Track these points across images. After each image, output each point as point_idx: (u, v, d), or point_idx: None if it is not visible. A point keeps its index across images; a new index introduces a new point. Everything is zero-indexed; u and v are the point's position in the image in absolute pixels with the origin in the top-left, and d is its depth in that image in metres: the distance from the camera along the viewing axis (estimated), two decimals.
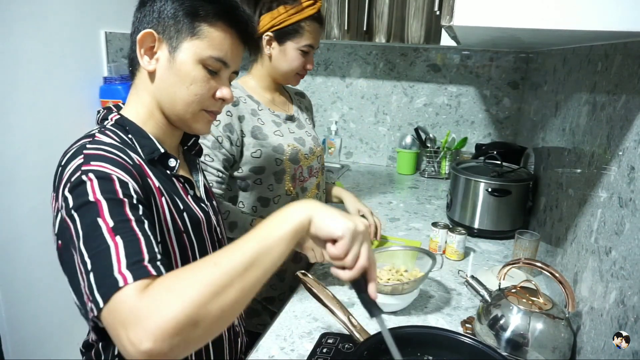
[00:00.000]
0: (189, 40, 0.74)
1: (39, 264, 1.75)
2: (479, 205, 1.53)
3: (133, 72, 0.80)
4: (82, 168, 0.63)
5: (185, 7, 0.73)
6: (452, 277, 1.25)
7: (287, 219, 0.61)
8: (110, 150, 0.68)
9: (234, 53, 0.79)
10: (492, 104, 2.27)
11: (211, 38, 0.75)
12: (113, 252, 0.56)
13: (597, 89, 0.99)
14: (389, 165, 2.52)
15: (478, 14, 0.66)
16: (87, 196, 0.60)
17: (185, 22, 0.74)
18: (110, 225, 0.58)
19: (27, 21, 1.64)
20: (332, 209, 0.63)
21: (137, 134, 0.76)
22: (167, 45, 0.75)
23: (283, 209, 0.62)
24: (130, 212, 0.61)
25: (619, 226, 0.77)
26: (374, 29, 1.91)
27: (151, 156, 0.75)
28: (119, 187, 0.62)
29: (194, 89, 0.76)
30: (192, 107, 0.78)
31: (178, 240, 0.76)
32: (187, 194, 0.82)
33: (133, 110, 0.79)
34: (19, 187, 1.66)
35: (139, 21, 0.77)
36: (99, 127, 0.76)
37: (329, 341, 0.93)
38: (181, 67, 0.75)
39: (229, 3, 0.77)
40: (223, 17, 0.75)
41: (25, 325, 1.75)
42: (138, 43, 0.74)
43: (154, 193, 0.72)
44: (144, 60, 0.76)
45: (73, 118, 1.90)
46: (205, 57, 0.75)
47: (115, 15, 2.07)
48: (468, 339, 0.77)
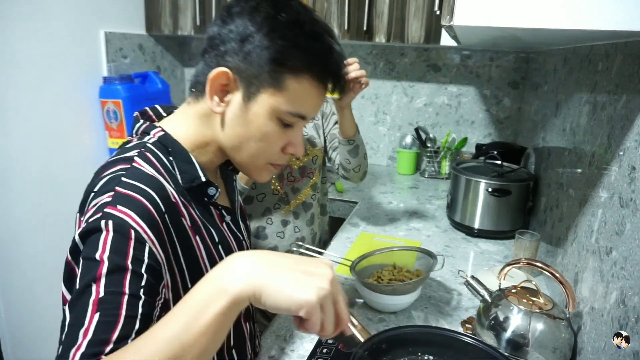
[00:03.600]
0: (268, 91, 0.65)
1: (39, 264, 1.75)
2: (479, 205, 1.53)
3: (196, 95, 0.71)
4: (105, 210, 0.56)
5: (271, 52, 0.63)
6: (453, 277, 1.25)
7: (217, 295, 0.47)
8: (145, 190, 0.60)
9: (317, 105, 0.70)
10: (492, 104, 2.27)
11: (295, 93, 0.66)
12: (82, 331, 0.48)
13: (598, 89, 0.99)
14: (389, 165, 2.51)
15: (478, 14, 0.66)
16: (96, 252, 0.54)
17: (268, 70, 0.64)
18: (99, 296, 0.51)
19: (27, 21, 1.64)
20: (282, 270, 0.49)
21: (179, 157, 0.69)
22: (242, 90, 0.66)
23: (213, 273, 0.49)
24: (129, 284, 0.53)
25: (620, 226, 0.77)
26: (374, 28, 1.91)
27: (190, 185, 0.68)
28: (133, 248, 0.55)
29: (263, 144, 0.69)
30: (258, 161, 0.71)
31: None
32: (222, 222, 0.76)
33: (184, 132, 0.71)
34: (19, 187, 1.66)
35: (215, 46, 0.66)
36: (139, 144, 0.68)
37: (329, 341, 0.93)
38: (254, 119, 0.67)
39: (323, 50, 0.67)
40: (313, 69, 0.66)
41: (25, 325, 1.75)
42: (210, 81, 0.65)
43: (188, 234, 0.66)
44: (214, 101, 0.67)
45: (73, 118, 1.90)
46: (283, 112, 0.66)
47: (115, 15, 2.07)
48: (469, 338, 0.77)
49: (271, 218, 1.30)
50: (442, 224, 1.67)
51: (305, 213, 1.35)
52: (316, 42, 0.66)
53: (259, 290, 0.47)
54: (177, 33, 2.18)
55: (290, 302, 0.47)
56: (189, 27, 2.16)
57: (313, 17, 0.67)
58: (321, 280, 0.49)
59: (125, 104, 1.93)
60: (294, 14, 0.65)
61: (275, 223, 1.30)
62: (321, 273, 0.50)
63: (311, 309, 0.47)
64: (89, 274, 0.53)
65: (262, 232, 1.29)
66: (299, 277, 0.48)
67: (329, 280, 0.49)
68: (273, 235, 1.30)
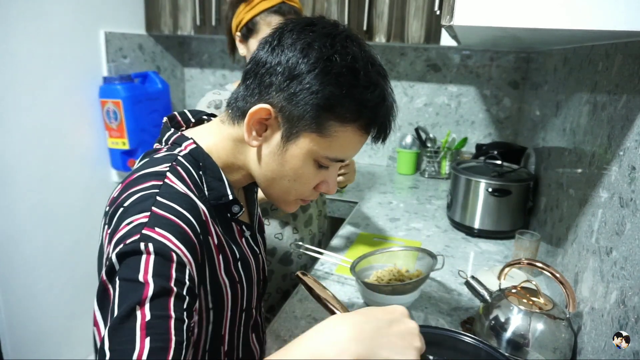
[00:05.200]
0: (311, 136, 0.62)
1: (39, 264, 1.75)
2: (480, 205, 1.53)
3: (232, 118, 0.68)
4: (144, 232, 0.54)
5: (320, 98, 0.59)
6: (453, 277, 1.25)
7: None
8: (180, 212, 0.58)
9: (357, 150, 0.67)
10: (492, 104, 2.27)
11: (337, 140, 0.62)
12: (135, 356, 0.48)
13: (598, 89, 0.99)
14: (389, 165, 2.51)
15: (478, 14, 0.66)
16: (137, 273, 0.52)
17: (313, 115, 0.60)
18: (146, 320, 0.50)
19: (27, 21, 1.64)
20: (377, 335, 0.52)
21: (210, 173, 0.66)
22: (282, 129, 0.63)
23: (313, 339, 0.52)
24: (174, 307, 0.52)
25: (620, 226, 0.77)
26: (374, 28, 1.91)
27: (217, 202, 0.66)
28: (175, 270, 0.53)
29: (296, 184, 0.67)
30: (289, 197, 0.70)
31: (232, 291, 0.69)
32: (242, 237, 0.75)
33: (216, 149, 0.68)
34: (19, 186, 1.66)
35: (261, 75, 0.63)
36: (170, 157, 0.65)
37: None
38: (290, 159, 0.64)
39: (375, 101, 0.62)
40: (362, 121, 0.62)
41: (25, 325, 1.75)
42: (250, 115, 0.62)
43: (212, 252, 0.64)
44: (251, 135, 0.64)
45: (73, 118, 1.90)
46: (322, 156, 0.64)
47: (115, 15, 2.07)
48: (469, 338, 0.77)
49: (269, 219, 1.29)
50: (442, 224, 1.67)
51: (304, 214, 1.35)
52: (369, 92, 0.61)
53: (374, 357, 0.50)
54: (177, 33, 2.18)
55: None
56: (189, 27, 2.16)
57: (370, 61, 0.63)
58: (414, 339, 0.53)
59: (125, 104, 1.93)
60: (350, 58, 0.60)
61: (274, 224, 1.30)
62: (410, 330, 0.54)
63: None
64: (133, 296, 0.51)
65: None
66: (398, 343, 0.52)
67: (419, 337, 0.54)
68: (271, 236, 1.30)
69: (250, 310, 0.78)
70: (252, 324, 0.81)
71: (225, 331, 0.71)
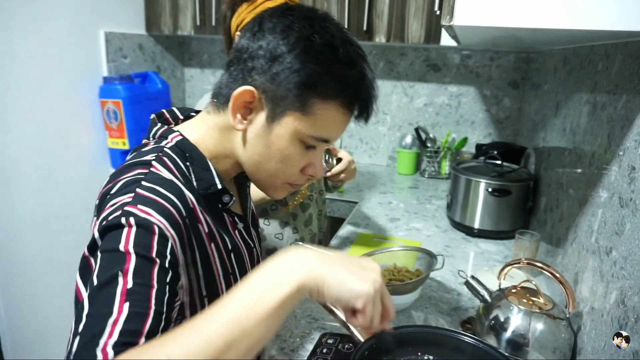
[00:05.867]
0: (294, 114, 0.63)
1: (39, 263, 1.75)
2: (479, 205, 1.53)
3: (217, 106, 0.69)
4: (125, 208, 0.55)
5: (301, 76, 0.61)
6: (453, 277, 1.25)
7: (279, 282, 0.48)
8: (165, 194, 0.59)
9: (341, 129, 0.68)
10: (492, 104, 2.27)
11: (321, 118, 0.63)
12: (111, 320, 0.47)
13: (598, 89, 0.99)
14: (389, 165, 2.51)
15: (478, 14, 0.66)
16: (118, 243, 0.52)
17: (296, 94, 0.62)
18: (127, 287, 0.50)
19: (27, 21, 1.64)
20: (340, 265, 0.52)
21: (197, 163, 0.67)
22: (266, 111, 0.64)
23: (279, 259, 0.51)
24: (157, 278, 0.52)
25: (620, 226, 0.77)
26: (374, 28, 1.91)
27: (206, 192, 0.67)
28: (156, 242, 0.54)
29: (283, 165, 0.67)
30: (276, 181, 0.70)
31: (226, 282, 0.70)
32: (235, 229, 0.75)
33: (202, 140, 0.69)
34: (19, 187, 1.66)
35: (243, 61, 0.64)
36: (156, 148, 0.66)
37: (329, 341, 0.93)
38: (276, 140, 0.65)
39: (356, 77, 0.64)
40: (343, 97, 0.63)
41: (25, 325, 1.75)
42: (234, 98, 0.63)
43: (203, 240, 0.65)
44: (236, 119, 0.65)
45: (73, 118, 1.90)
46: (307, 135, 0.65)
47: (115, 15, 2.07)
48: (469, 338, 0.77)
49: (269, 219, 1.30)
50: (442, 224, 1.67)
51: (303, 214, 1.35)
52: (349, 69, 0.63)
53: (322, 282, 0.50)
54: (177, 33, 2.18)
55: (350, 293, 0.50)
56: (189, 27, 2.16)
57: (348, 40, 0.64)
58: (375, 274, 0.53)
59: (125, 103, 1.93)
60: (328, 36, 0.62)
61: (273, 224, 1.30)
62: (372, 268, 0.54)
63: (368, 300, 0.51)
64: (115, 266, 0.51)
65: (261, 234, 1.29)
66: (356, 271, 0.52)
67: (380, 275, 0.53)
68: (271, 236, 1.30)
69: None
70: None
71: None
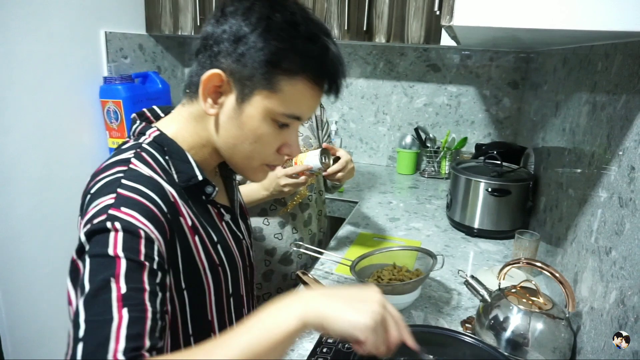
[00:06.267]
0: (262, 93, 0.64)
1: (39, 263, 1.75)
2: (479, 205, 1.53)
3: (190, 96, 0.70)
4: (110, 212, 0.56)
5: (265, 54, 0.62)
6: (452, 277, 1.25)
7: (282, 322, 0.52)
8: (145, 192, 0.60)
9: (312, 106, 0.68)
10: (492, 104, 2.27)
11: (289, 94, 0.64)
12: (114, 327, 0.49)
13: (598, 89, 0.99)
14: (389, 165, 2.52)
15: (478, 14, 0.66)
16: (107, 248, 0.53)
17: (262, 72, 0.62)
18: (121, 292, 0.51)
19: (27, 21, 1.64)
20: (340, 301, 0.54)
21: (175, 156, 0.68)
22: (235, 92, 0.65)
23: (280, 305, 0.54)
24: (148, 280, 0.54)
25: (619, 226, 0.77)
26: (374, 29, 1.91)
27: (187, 184, 0.68)
28: (144, 246, 0.55)
29: (257, 146, 0.68)
30: (253, 162, 0.71)
31: (213, 275, 0.70)
32: (222, 220, 0.76)
33: (180, 132, 0.70)
34: (19, 186, 1.66)
35: (209, 47, 0.65)
36: (135, 145, 0.68)
37: (329, 341, 0.93)
38: (247, 120, 0.65)
39: (319, 51, 0.64)
40: (308, 71, 0.64)
41: (25, 325, 1.75)
42: (203, 83, 0.64)
43: (186, 234, 0.65)
44: (207, 103, 0.66)
45: (73, 118, 1.90)
46: (278, 113, 0.65)
47: (115, 15, 2.07)
48: (469, 338, 0.77)
49: (268, 219, 1.30)
50: (442, 224, 1.67)
51: (303, 214, 1.35)
52: (312, 43, 0.64)
53: (323, 319, 0.52)
54: (177, 33, 2.18)
55: (349, 326, 0.52)
56: (189, 27, 2.16)
57: (309, 17, 0.66)
58: (374, 305, 0.54)
59: (125, 104, 1.93)
60: (288, 14, 0.64)
61: (273, 224, 1.30)
62: (372, 298, 0.55)
63: (367, 332, 0.52)
64: (105, 270, 0.52)
65: (260, 234, 1.29)
66: (355, 305, 0.54)
67: (380, 304, 0.55)
68: (271, 236, 1.30)
69: (240, 298, 0.79)
70: (247, 313, 0.81)
71: (213, 317, 0.72)
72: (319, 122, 1.41)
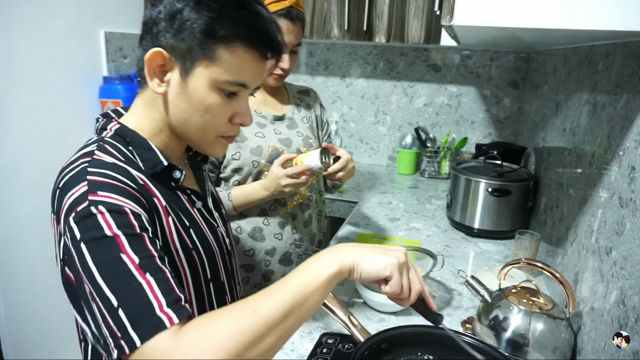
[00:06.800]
0: (203, 63, 0.66)
1: (39, 264, 1.75)
2: (479, 205, 1.53)
3: (141, 83, 0.73)
4: (90, 198, 0.58)
5: (200, 25, 0.64)
6: (453, 277, 1.25)
7: (324, 267, 0.61)
8: (114, 175, 0.62)
9: (256, 73, 0.70)
10: (492, 104, 2.27)
11: (229, 62, 0.66)
12: (147, 290, 0.53)
13: (598, 89, 0.99)
14: (389, 165, 2.51)
15: (478, 14, 0.66)
16: (101, 230, 0.56)
17: (199, 43, 0.64)
18: (136, 262, 0.55)
19: (27, 21, 1.64)
20: (369, 249, 0.64)
21: (138, 145, 0.70)
22: (178, 67, 0.67)
23: (321, 254, 0.63)
24: (152, 248, 0.58)
25: (620, 226, 0.77)
26: (374, 29, 1.91)
27: (153, 170, 0.69)
28: (134, 220, 0.58)
29: (208, 117, 0.69)
30: (207, 135, 0.72)
31: (187, 258, 0.72)
32: (193, 207, 0.77)
33: (138, 122, 0.73)
34: (19, 187, 1.66)
35: (149, 30, 0.68)
36: (97, 139, 0.70)
37: (329, 341, 0.93)
38: (194, 93, 0.67)
39: (250, 17, 0.66)
40: (243, 37, 0.65)
41: (25, 325, 1.75)
42: (146, 63, 0.66)
43: (161, 213, 0.67)
44: (154, 82, 0.67)
45: (73, 118, 1.90)
46: (222, 82, 0.67)
47: (115, 15, 2.07)
48: (469, 338, 0.77)
49: (268, 219, 1.29)
50: (442, 224, 1.67)
51: (303, 214, 1.35)
52: (242, 9, 0.66)
53: (357, 263, 0.62)
54: None
55: (379, 266, 0.63)
56: None
57: None
58: (399, 253, 0.66)
59: (125, 103, 1.93)
60: None
61: (272, 224, 1.30)
62: (397, 249, 0.67)
63: (393, 268, 0.63)
64: (109, 250, 0.55)
65: (260, 234, 1.29)
66: (382, 251, 0.65)
67: (404, 254, 0.66)
68: (270, 236, 1.30)
69: (221, 284, 0.80)
70: (231, 301, 0.82)
71: (192, 300, 0.73)
72: (319, 122, 1.41)
